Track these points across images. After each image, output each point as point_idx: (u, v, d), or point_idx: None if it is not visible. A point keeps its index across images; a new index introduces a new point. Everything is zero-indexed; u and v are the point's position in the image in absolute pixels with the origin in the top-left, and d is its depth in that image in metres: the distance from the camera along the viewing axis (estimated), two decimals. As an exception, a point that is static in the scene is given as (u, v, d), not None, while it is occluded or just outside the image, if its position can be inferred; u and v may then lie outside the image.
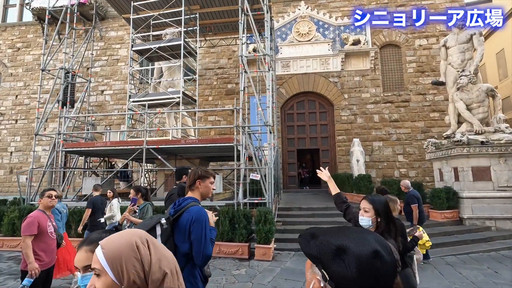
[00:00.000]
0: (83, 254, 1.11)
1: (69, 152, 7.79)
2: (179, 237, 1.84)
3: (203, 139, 7.24)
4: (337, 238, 0.66)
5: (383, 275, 0.62)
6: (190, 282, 1.82)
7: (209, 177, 2.05)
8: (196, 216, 1.83)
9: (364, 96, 13.83)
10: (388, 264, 0.63)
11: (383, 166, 13.30)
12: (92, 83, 16.08)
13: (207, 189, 2.03)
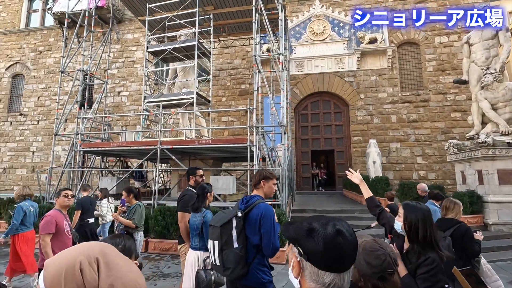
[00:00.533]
0: None
1: (87, 152, 7.96)
2: (249, 230, 2.04)
3: (217, 140, 7.22)
4: (309, 222, 0.81)
5: (345, 249, 0.76)
6: (259, 270, 2.04)
7: (273, 178, 2.28)
8: (265, 212, 2.04)
9: (381, 95, 13.45)
10: (349, 241, 0.77)
11: (400, 168, 12.88)
12: (109, 85, 16.46)
13: (270, 189, 2.27)
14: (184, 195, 3.34)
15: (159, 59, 9.39)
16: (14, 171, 16.26)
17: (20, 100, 17.14)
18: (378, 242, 1.25)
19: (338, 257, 0.76)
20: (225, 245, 2.04)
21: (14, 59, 17.56)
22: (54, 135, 8.16)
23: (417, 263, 1.70)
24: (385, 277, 1.17)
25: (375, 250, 1.20)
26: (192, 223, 2.86)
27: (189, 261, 2.87)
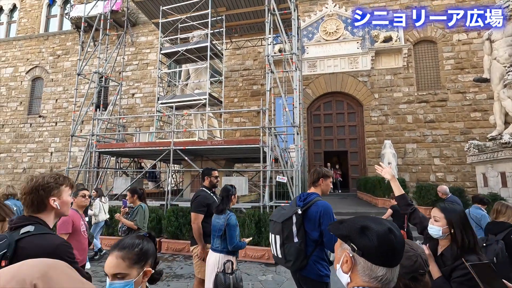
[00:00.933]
0: (113, 260, 1.03)
1: (101, 153, 8.11)
2: (309, 226, 2.22)
3: (229, 141, 7.19)
4: (361, 221, 0.90)
5: (396, 245, 0.84)
6: (318, 263, 2.18)
7: (330, 177, 2.49)
8: (324, 209, 2.23)
9: (396, 95, 13.12)
10: (399, 238, 0.86)
11: (417, 170, 12.51)
12: (124, 87, 16.79)
13: (327, 187, 2.46)
14: (197, 196, 3.31)
15: (172, 60, 9.47)
16: (34, 172, 16.79)
17: (39, 102, 17.71)
18: (409, 243, 1.25)
19: (391, 253, 0.83)
20: (286, 239, 2.20)
21: (34, 63, 18.18)
22: (71, 136, 8.35)
23: (453, 266, 1.65)
24: (416, 277, 1.18)
25: (406, 251, 1.19)
26: (215, 224, 2.87)
27: (209, 262, 2.88)
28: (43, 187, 1.34)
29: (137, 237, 1.13)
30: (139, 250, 1.07)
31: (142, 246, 1.09)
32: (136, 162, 9.67)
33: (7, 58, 18.73)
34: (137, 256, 1.05)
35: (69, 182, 1.48)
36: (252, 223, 5.59)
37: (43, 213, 1.34)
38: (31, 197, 1.32)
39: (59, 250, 1.24)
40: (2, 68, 18.66)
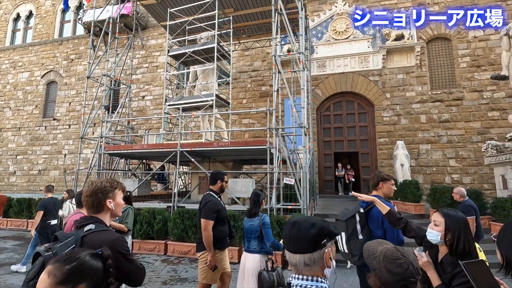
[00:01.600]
0: (43, 275, 0.87)
1: (110, 154, 8.19)
2: (372, 225, 2.45)
3: (236, 142, 7.11)
4: None
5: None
6: None
7: (390, 179, 2.63)
8: None
9: (408, 95, 12.75)
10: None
11: (431, 171, 12.09)
12: (134, 89, 17.03)
13: (389, 190, 2.60)
14: (208, 201, 3.15)
15: (180, 62, 9.49)
16: (48, 173, 17.22)
17: (53, 105, 18.17)
18: (400, 250, 1.22)
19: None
20: (351, 236, 2.44)
21: (49, 67, 18.68)
22: (80, 138, 8.47)
23: (453, 273, 1.62)
24: (407, 286, 1.16)
25: (396, 258, 1.18)
26: (248, 227, 3.05)
27: (248, 264, 2.99)
28: (101, 190, 1.54)
29: (84, 252, 0.96)
30: (70, 268, 0.88)
31: (78, 264, 0.90)
32: (145, 164, 9.72)
33: (24, 63, 19.33)
34: (65, 275, 0.87)
35: (121, 186, 1.67)
36: (259, 226, 5.47)
37: (101, 213, 1.54)
38: (92, 199, 1.52)
39: (116, 243, 1.42)
40: (19, 73, 19.27)
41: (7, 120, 18.78)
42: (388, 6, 13.67)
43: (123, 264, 1.40)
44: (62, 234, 1.42)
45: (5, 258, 5.72)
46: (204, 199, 3.19)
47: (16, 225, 8.69)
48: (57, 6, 19.44)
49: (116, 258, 1.29)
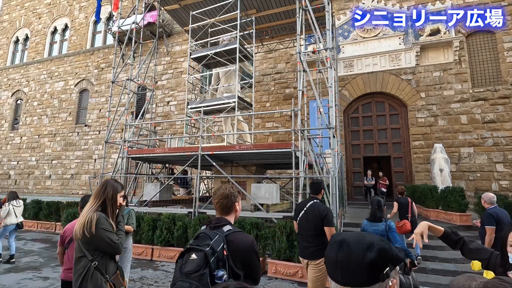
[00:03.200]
0: None
1: (133, 158, 8.16)
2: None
3: (259, 145, 6.75)
4: None
5: None
6: None
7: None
8: None
9: (446, 94, 11.71)
10: None
11: (475, 177, 10.92)
12: (159, 95, 17.34)
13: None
14: (327, 209, 3.22)
15: (202, 65, 9.37)
16: (80, 177, 17.92)
17: (85, 112, 18.99)
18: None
19: None
20: None
21: (81, 76, 19.62)
22: (105, 142, 8.56)
23: None
24: None
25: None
26: (372, 231, 3.20)
27: None
28: (233, 195, 1.72)
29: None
30: None
31: None
32: (168, 168, 9.65)
33: (59, 73, 20.48)
34: None
35: (240, 193, 1.85)
36: (283, 235, 5.03)
37: (229, 215, 1.71)
38: (226, 201, 1.69)
39: (254, 244, 1.62)
40: (55, 82, 20.42)
41: (44, 127, 19.91)
42: (421, 0, 12.76)
43: (255, 263, 1.58)
44: (204, 233, 1.57)
45: (30, 261, 5.75)
46: (319, 206, 3.23)
47: (46, 228, 8.93)
48: (89, 18, 20.46)
49: (251, 257, 1.56)
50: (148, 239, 6.04)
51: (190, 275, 1.37)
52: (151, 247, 5.97)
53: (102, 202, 2.04)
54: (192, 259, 1.43)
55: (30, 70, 21.70)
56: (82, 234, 1.90)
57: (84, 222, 1.91)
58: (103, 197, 2.04)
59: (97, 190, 2.08)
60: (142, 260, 5.95)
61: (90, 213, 1.94)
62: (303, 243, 3.22)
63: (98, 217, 1.94)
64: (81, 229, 1.90)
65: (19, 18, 23.38)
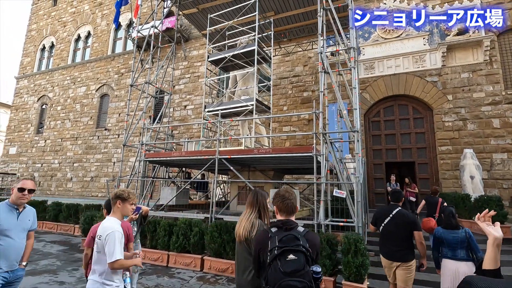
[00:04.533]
0: None
1: (150, 162, 8.12)
2: None
3: (277, 149, 6.50)
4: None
5: None
6: None
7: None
8: None
9: (476, 96, 11.01)
10: None
11: (509, 185, 10.14)
12: (176, 99, 17.49)
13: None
14: (415, 216, 3.94)
15: (220, 68, 9.28)
16: (99, 180, 18.28)
17: (105, 116, 19.44)
18: None
19: None
20: None
21: (102, 81, 20.15)
22: (123, 145, 8.58)
23: None
24: None
25: None
26: (452, 238, 3.42)
27: (462, 270, 3.32)
28: (294, 197, 1.89)
29: None
30: None
31: None
32: (184, 172, 9.56)
33: (82, 79, 21.15)
34: None
35: None
36: (305, 245, 4.72)
37: (293, 215, 1.87)
38: (292, 203, 1.85)
39: (318, 241, 1.84)
40: (78, 88, 21.10)
41: (66, 130, 20.55)
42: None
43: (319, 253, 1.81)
44: (291, 234, 1.72)
45: (47, 264, 5.74)
46: (407, 213, 3.63)
47: (65, 230, 9.03)
48: (111, 26, 21.07)
49: (319, 250, 1.81)
50: (164, 244, 5.89)
51: (295, 274, 1.53)
52: (167, 253, 5.81)
53: (258, 210, 2.31)
54: (292, 259, 1.60)
55: (55, 76, 22.56)
56: (246, 236, 2.20)
57: (249, 227, 2.21)
58: (257, 206, 2.30)
59: (251, 200, 2.36)
60: (157, 266, 5.80)
61: (253, 219, 2.23)
62: (391, 247, 3.52)
63: (259, 223, 2.23)
64: (246, 232, 2.21)
65: (46, 26, 24.45)
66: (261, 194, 2.35)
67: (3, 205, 2.52)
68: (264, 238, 1.76)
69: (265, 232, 1.82)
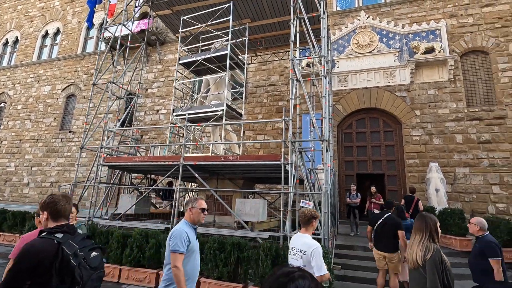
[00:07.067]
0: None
1: (109, 167, 7.52)
2: None
3: (246, 156, 6.24)
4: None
5: None
6: None
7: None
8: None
9: (441, 112, 11.50)
10: None
11: (471, 199, 10.54)
12: (149, 103, 16.84)
13: None
14: (399, 220, 4.96)
15: (192, 71, 8.96)
16: (59, 185, 16.96)
17: (71, 118, 18.26)
18: None
19: None
20: None
21: (70, 81, 19.02)
22: (80, 148, 7.92)
23: None
24: None
25: None
26: (404, 226, 4.67)
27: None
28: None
29: None
30: None
31: None
32: (149, 179, 9.00)
33: (47, 77, 19.85)
34: None
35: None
36: (268, 259, 4.42)
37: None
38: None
39: None
40: (42, 86, 19.75)
41: (26, 131, 19.04)
42: (416, 19, 12.80)
43: None
44: None
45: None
46: (394, 218, 4.80)
47: (8, 240, 8.07)
48: (82, 24, 20.12)
49: None
50: (117, 258, 5.34)
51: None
52: (119, 267, 5.27)
53: (430, 234, 2.35)
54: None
55: (17, 73, 21.02)
56: (422, 262, 2.25)
57: (423, 252, 2.27)
58: (429, 229, 2.35)
59: (419, 225, 2.42)
60: (107, 282, 5.23)
61: (426, 243, 2.29)
62: (383, 242, 4.64)
63: (434, 248, 2.30)
64: (420, 257, 2.27)
65: (10, 20, 22.92)
66: (429, 218, 2.42)
67: None
68: None
69: None
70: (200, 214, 2.55)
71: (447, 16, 12.39)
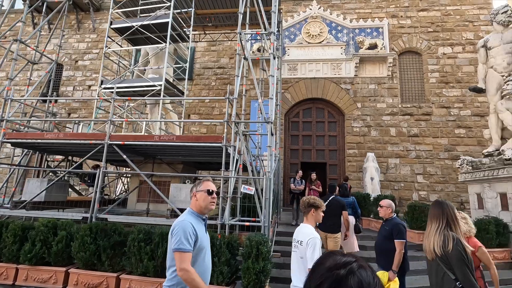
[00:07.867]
0: None
1: (12, 144, 6.13)
2: None
3: (183, 136, 5.60)
4: None
5: None
6: None
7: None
8: None
9: (379, 106, 12.24)
10: None
11: (399, 187, 11.52)
12: (79, 77, 14.72)
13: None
14: (343, 201, 5.24)
15: (127, 39, 7.82)
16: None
17: (-26, 88, 15.00)
18: None
19: None
20: None
21: (-27, 42, 15.50)
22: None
23: None
24: None
25: None
26: (346, 202, 5.31)
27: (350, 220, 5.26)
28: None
29: None
30: None
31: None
32: (70, 161, 7.71)
33: None
34: None
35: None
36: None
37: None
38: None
39: None
40: None
41: None
42: (363, 15, 13.30)
43: None
44: None
45: None
46: (339, 199, 5.14)
47: None
48: (-8, -27, 16.46)
49: None
50: (12, 255, 4.30)
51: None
52: (15, 266, 4.26)
53: (446, 222, 2.20)
54: None
55: None
56: (441, 252, 2.11)
57: (442, 242, 2.12)
58: (445, 217, 2.21)
59: (435, 212, 2.27)
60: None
61: (444, 232, 2.15)
62: (327, 223, 4.52)
63: (454, 237, 2.12)
64: (438, 248, 2.12)
65: None
66: (447, 205, 2.27)
67: None
68: None
69: None
70: (208, 198, 1.95)
71: (390, 15, 13.11)
